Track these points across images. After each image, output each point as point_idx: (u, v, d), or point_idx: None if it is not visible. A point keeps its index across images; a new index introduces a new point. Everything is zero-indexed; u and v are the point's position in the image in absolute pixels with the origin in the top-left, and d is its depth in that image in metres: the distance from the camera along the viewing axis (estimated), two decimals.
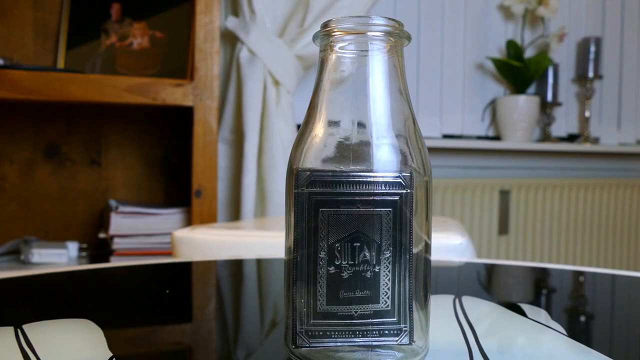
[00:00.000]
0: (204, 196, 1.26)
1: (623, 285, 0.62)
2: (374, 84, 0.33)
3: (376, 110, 0.33)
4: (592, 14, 2.11)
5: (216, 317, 0.47)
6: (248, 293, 0.57)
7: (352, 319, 0.33)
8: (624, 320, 0.49)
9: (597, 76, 2.03)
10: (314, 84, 0.35)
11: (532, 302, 0.53)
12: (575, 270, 0.69)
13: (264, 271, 0.69)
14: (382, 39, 0.33)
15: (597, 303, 0.55)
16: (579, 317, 0.49)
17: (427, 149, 0.35)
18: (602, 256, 2.06)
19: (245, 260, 0.73)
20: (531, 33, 1.99)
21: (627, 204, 2.09)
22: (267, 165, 1.44)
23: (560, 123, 2.07)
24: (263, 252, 0.84)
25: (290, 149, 1.30)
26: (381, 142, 0.33)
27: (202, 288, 0.60)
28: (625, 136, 2.19)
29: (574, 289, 0.62)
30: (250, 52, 1.46)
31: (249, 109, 1.43)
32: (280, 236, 0.92)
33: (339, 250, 0.33)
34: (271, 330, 0.43)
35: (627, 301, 0.56)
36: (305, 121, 0.35)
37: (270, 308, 0.51)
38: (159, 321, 0.45)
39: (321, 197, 0.33)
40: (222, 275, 0.66)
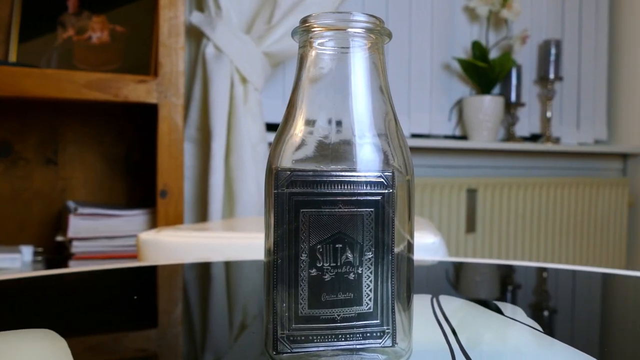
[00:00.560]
0: (170, 196, 1.23)
1: (583, 280, 0.63)
2: (355, 82, 0.32)
3: (357, 109, 0.32)
4: (552, 17, 2.16)
5: (183, 322, 0.46)
6: (217, 296, 0.56)
7: (335, 322, 0.32)
8: (595, 315, 0.49)
9: (558, 78, 2.07)
10: (293, 81, 0.33)
11: (508, 300, 0.53)
12: (539, 266, 0.70)
13: (233, 274, 0.67)
14: (363, 35, 0.32)
15: (570, 299, 0.56)
16: (554, 315, 0.49)
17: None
18: (563, 252, 2.11)
19: (214, 263, 0.71)
20: (495, 35, 2.02)
21: (587, 202, 2.14)
22: (235, 164, 1.42)
23: (523, 123, 2.11)
24: (233, 254, 0.83)
25: (259, 148, 1.29)
26: (363, 141, 0.32)
27: (169, 292, 0.58)
28: (584, 136, 2.24)
29: (542, 285, 0.63)
30: (217, 49, 1.43)
31: (215, 107, 1.41)
32: (249, 237, 0.90)
33: (321, 252, 0.32)
34: (240, 334, 0.42)
35: (587, 296, 0.57)
36: (285, 119, 0.33)
37: (239, 311, 0.49)
38: (125, 328, 0.43)
39: (302, 198, 0.32)
40: (190, 279, 0.64)
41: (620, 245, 2.23)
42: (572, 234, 2.12)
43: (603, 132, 2.30)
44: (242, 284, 0.62)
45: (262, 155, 1.47)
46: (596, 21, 2.25)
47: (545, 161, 2.15)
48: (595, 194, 2.16)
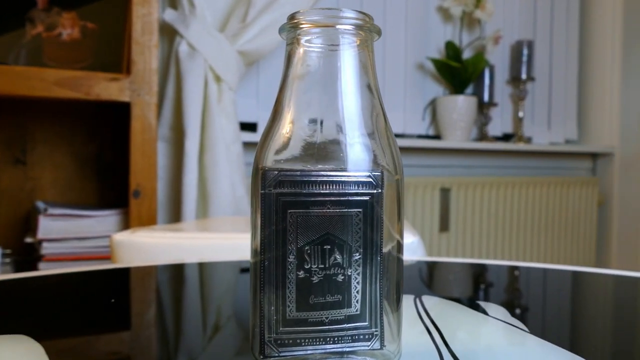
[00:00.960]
0: (143, 196, 1.21)
1: (554, 278, 0.64)
2: (344, 80, 0.32)
3: (346, 108, 0.32)
4: (525, 18, 2.19)
5: (157, 324, 0.45)
6: (191, 298, 0.54)
7: (323, 325, 0.31)
8: (566, 312, 0.49)
9: (530, 78, 2.10)
10: (281, 79, 0.33)
11: (491, 299, 0.53)
12: (510, 265, 0.71)
13: (207, 275, 0.66)
14: (353, 33, 0.31)
15: (541, 297, 0.56)
16: (538, 314, 0.49)
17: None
18: (534, 250, 2.14)
19: (188, 264, 0.70)
20: (469, 35, 2.04)
21: (557, 201, 2.18)
22: (209, 164, 1.40)
23: (496, 123, 2.14)
24: (209, 255, 0.82)
25: (233, 147, 1.27)
26: (352, 140, 0.31)
27: (144, 294, 0.56)
28: (555, 136, 2.28)
29: (514, 283, 0.63)
30: (190, 47, 1.41)
31: (189, 106, 1.39)
32: (225, 238, 0.89)
33: (309, 253, 0.31)
34: (214, 335, 0.41)
35: (558, 294, 0.58)
36: (271, 118, 0.33)
37: (213, 313, 0.48)
38: (100, 331, 0.41)
39: (289, 198, 0.31)
40: (164, 281, 0.63)
41: (590, 243, 2.27)
42: (544, 233, 2.16)
43: (573, 132, 2.34)
44: (217, 285, 0.61)
45: (236, 155, 1.45)
46: (567, 22, 2.29)
47: (517, 161, 2.18)
48: (566, 193, 2.20)
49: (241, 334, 0.43)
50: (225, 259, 0.73)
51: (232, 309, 0.50)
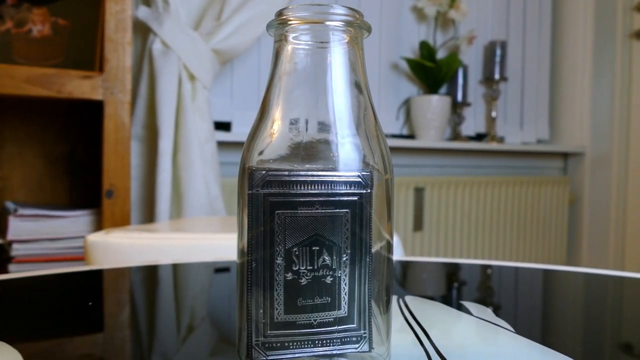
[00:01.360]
0: (116, 196, 1.18)
1: (526, 276, 0.65)
2: (333, 78, 0.31)
3: (335, 106, 0.31)
4: (498, 19, 2.21)
5: (131, 326, 0.44)
6: (166, 299, 0.53)
7: (312, 327, 0.31)
8: (537, 310, 0.50)
9: (503, 78, 2.13)
10: (268, 77, 0.32)
11: (472, 299, 0.53)
12: (483, 264, 0.71)
13: (183, 276, 0.65)
14: (343, 29, 0.31)
15: (513, 296, 0.57)
16: (522, 313, 0.49)
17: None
18: (507, 249, 2.17)
19: (163, 266, 0.68)
20: (442, 35, 2.06)
21: (530, 200, 2.21)
22: (183, 163, 1.38)
23: (469, 122, 2.16)
24: (184, 256, 0.80)
25: (207, 147, 1.26)
26: (341, 139, 0.31)
27: (119, 296, 0.55)
28: (527, 136, 2.32)
29: (487, 281, 0.64)
30: (164, 45, 1.39)
31: (163, 104, 1.36)
32: (200, 238, 0.88)
33: (297, 255, 0.31)
34: (188, 336, 0.41)
35: (529, 291, 0.58)
36: (259, 117, 0.32)
37: (187, 314, 0.48)
38: (78, 333, 0.40)
39: (277, 199, 0.30)
40: (139, 282, 0.62)
41: (561, 242, 2.32)
42: (516, 231, 2.19)
43: (545, 131, 2.38)
44: (192, 286, 0.60)
45: (210, 154, 1.44)
46: (539, 24, 2.32)
47: (490, 160, 2.21)
48: (538, 192, 2.23)
49: (216, 334, 0.42)
50: (201, 259, 0.71)
51: (206, 310, 0.49)
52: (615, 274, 0.64)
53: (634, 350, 0.39)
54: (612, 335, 0.43)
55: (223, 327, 0.44)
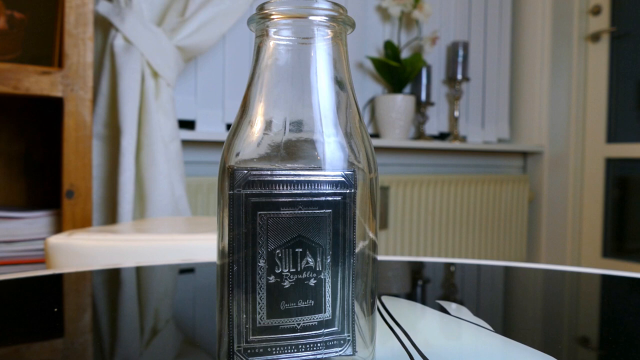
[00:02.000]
0: (77, 197, 1.15)
1: (487, 273, 0.66)
2: (317, 75, 0.30)
3: (318, 104, 0.30)
4: (460, 20, 2.24)
5: (92, 330, 0.42)
6: (131, 303, 0.51)
7: (295, 332, 0.30)
8: (497, 307, 0.50)
9: (465, 78, 2.16)
10: (250, 74, 0.31)
11: (437, 297, 0.53)
12: (447, 262, 0.72)
13: (147, 278, 0.63)
14: (327, 25, 0.30)
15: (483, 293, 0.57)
16: (500, 312, 0.50)
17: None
18: (470, 246, 2.20)
19: (128, 268, 0.66)
20: (406, 35, 2.07)
21: (491, 198, 2.25)
22: (147, 163, 1.35)
23: (432, 122, 2.18)
24: (150, 257, 0.78)
25: (172, 146, 1.23)
26: (324, 138, 0.30)
27: (83, 300, 0.53)
28: (488, 135, 2.36)
29: (450, 279, 0.64)
30: (126, 41, 1.36)
31: (125, 102, 1.33)
32: (166, 239, 0.86)
33: (280, 257, 0.30)
34: (152, 339, 0.40)
35: (492, 288, 0.59)
36: (240, 115, 0.31)
37: (151, 317, 0.46)
38: (37, 339, 0.38)
39: (259, 199, 0.29)
40: (102, 285, 0.59)
41: (521, 238, 2.37)
42: (478, 229, 2.22)
43: (505, 131, 2.42)
44: (156, 289, 0.58)
45: (174, 153, 1.41)
46: (500, 25, 2.37)
47: (453, 159, 2.24)
48: (499, 190, 2.27)
49: (180, 336, 0.41)
50: (167, 261, 0.70)
51: (170, 312, 0.48)
52: (572, 269, 0.65)
53: (590, 343, 0.40)
54: (569, 329, 0.45)
55: (188, 330, 0.43)
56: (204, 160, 1.67)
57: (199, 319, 0.45)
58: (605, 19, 2.35)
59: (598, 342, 0.41)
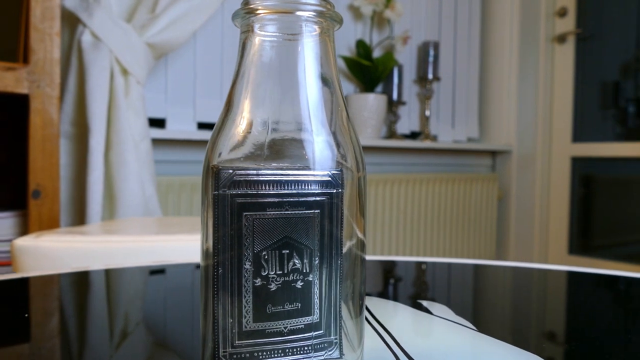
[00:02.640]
0: (44, 197, 1.11)
1: (458, 271, 0.67)
2: (304, 72, 0.30)
3: (305, 102, 0.30)
4: (431, 20, 2.26)
5: (60, 335, 0.41)
6: (100, 306, 0.50)
7: (282, 335, 0.29)
8: (468, 305, 0.51)
9: (436, 78, 2.18)
10: (234, 71, 0.30)
11: (408, 295, 0.53)
12: (418, 260, 0.72)
13: (117, 281, 0.61)
14: (314, 20, 0.29)
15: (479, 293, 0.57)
16: (481, 310, 0.50)
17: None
18: (441, 244, 2.22)
19: (99, 270, 0.64)
20: (378, 34, 2.08)
21: (461, 196, 2.28)
22: (116, 162, 1.32)
23: (404, 121, 2.19)
24: (121, 260, 0.77)
25: (142, 144, 1.20)
26: (311, 137, 0.29)
27: (51, 304, 0.51)
28: (458, 134, 2.38)
29: (421, 277, 0.64)
30: (94, 37, 1.32)
31: (94, 100, 1.30)
32: (136, 240, 0.84)
33: (266, 259, 0.29)
34: (122, 342, 0.39)
35: (462, 286, 0.59)
36: (224, 113, 0.30)
37: (121, 320, 0.45)
38: (5, 345, 0.37)
39: (245, 200, 0.29)
40: (71, 289, 0.58)
41: (490, 236, 2.40)
42: (449, 227, 2.24)
43: (475, 130, 2.45)
44: (126, 292, 0.57)
45: (145, 152, 1.38)
46: (469, 26, 2.39)
47: (424, 158, 2.26)
48: (469, 189, 2.30)
49: (151, 339, 0.41)
50: (137, 263, 0.68)
51: (141, 315, 0.47)
52: (539, 266, 0.66)
53: (557, 338, 0.41)
54: (537, 324, 0.45)
55: (158, 332, 0.42)
56: (174, 160, 1.64)
57: (172, 323, 0.44)
58: (571, 21, 2.40)
59: (565, 336, 0.42)
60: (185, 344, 0.39)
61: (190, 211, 1.60)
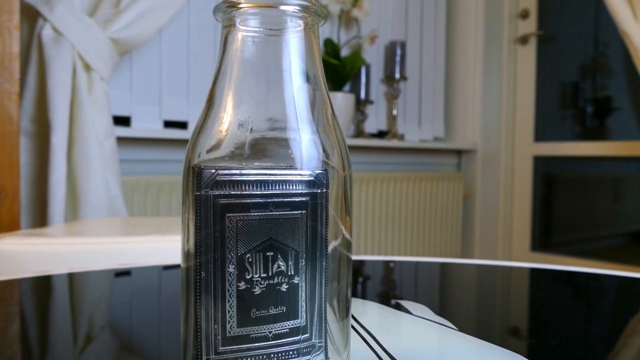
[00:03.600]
0: (4, 197, 1.07)
1: (425, 270, 0.67)
2: (287, 69, 0.29)
3: (290, 100, 0.29)
4: (398, 20, 2.27)
5: (21, 341, 0.39)
6: (63, 311, 0.48)
7: (267, 340, 0.29)
8: (435, 304, 0.51)
9: (403, 77, 2.19)
10: (216, 67, 0.29)
11: (376, 294, 0.53)
12: (386, 259, 0.72)
13: (82, 284, 0.59)
14: (299, 15, 0.28)
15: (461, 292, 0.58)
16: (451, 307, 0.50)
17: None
18: (408, 243, 2.24)
19: (64, 274, 0.62)
20: (346, 33, 2.08)
21: (428, 195, 2.30)
22: (79, 161, 1.28)
23: (371, 120, 2.20)
24: (85, 262, 0.74)
25: (106, 143, 1.17)
26: (296, 136, 0.29)
27: (11, 310, 0.49)
28: (424, 133, 2.41)
29: (389, 275, 0.64)
30: (55, 31, 1.28)
31: (55, 96, 1.26)
32: (101, 242, 0.81)
33: (250, 261, 0.28)
34: (86, 347, 0.38)
35: (430, 285, 0.60)
36: (205, 111, 0.29)
37: (85, 324, 0.44)
38: None
39: (229, 200, 0.28)
40: (33, 293, 0.55)
41: (456, 235, 2.43)
42: (416, 225, 2.26)
43: (441, 130, 2.48)
44: (92, 294, 0.55)
45: (109, 150, 1.35)
46: (435, 27, 2.42)
47: (391, 157, 2.27)
48: (435, 188, 2.32)
49: (117, 343, 0.40)
50: (103, 266, 0.66)
51: (106, 319, 0.46)
52: (503, 264, 0.68)
53: (520, 333, 0.42)
54: (501, 320, 0.46)
55: (124, 336, 0.41)
56: (140, 159, 1.61)
57: (142, 328, 0.43)
58: (532, 23, 2.45)
59: (527, 331, 0.43)
60: (160, 350, 0.38)
61: (157, 211, 1.57)
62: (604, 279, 0.60)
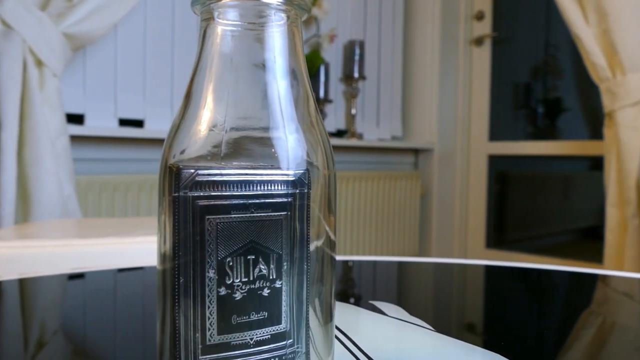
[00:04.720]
0: None
1: (382, 269, 0.68)
2: (270, 65, 0.28)
3: (272, 97, 0.28)
4: (356, 19, 2.28)
5: None
6: (16, 320, 0.46)
7: (248, 347, 0.27)
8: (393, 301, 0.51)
9: (361, 77, 2.20)
10: (194, 62, 0.28)
11: (343, 294, 0.52)
12: (345, 259, 0.72)
13: (36, 291, 0.57)
14: (282, 8, 0.27)
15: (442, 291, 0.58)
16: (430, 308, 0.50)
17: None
18: (367, 242, 2.25)
19: (15, 280, 0.59)
20: (305, 32, 2.07)
21: (386, 194, 2.32)
22: (30, 160, 1.23)
23: (330, 119, 2.20)
24: (37, 267, 0.71)
25: (59, 141, 1.13)
26: (278, 134, 0.28)
27: None
28: (382, 132, 2.42)
29: (348, 274, 0.64)
30: (5, 25, 1.23)
31: (5, 92, 1.20)
32: (55, 245, 0.78)
33: (231, 266, 0.27)
34: (38, 353, 0.37)
35: (388, 284, 0.60)
36: (183, 108, 0.27)
37: (37, 329, 0.42)
38: None
39: (208, 202, 0.26)
40: None
41: (414, 233, 2.46)
42: (374, 224, 2.28)
43: (399, 129, 2.50)
44: (43, 304, 0.53)
45: (62, 149, 1.30)
46: (393, 26, 2.44)
47: (349, 156, 2.27)
48: (393, 186, 2.34)
49: (70, 347, 0.38)
50: (56, 270, 0.63)
51: (58, 324, 0.44)
52: (459, 262, 0.69)
53: (476, 329, 0.43)
54: (457, 316, 0.47)
55: (77, 340, 0.39)
56: (95, 158, 1.56)
57: (94, 335, 0.41)
58: (487, 25, 2.50)
59: (483, 326, 0.44)
60: (130, 358, 0.36)
61: (113, 212, 1.52)
62: (555, 274, 0.62)
